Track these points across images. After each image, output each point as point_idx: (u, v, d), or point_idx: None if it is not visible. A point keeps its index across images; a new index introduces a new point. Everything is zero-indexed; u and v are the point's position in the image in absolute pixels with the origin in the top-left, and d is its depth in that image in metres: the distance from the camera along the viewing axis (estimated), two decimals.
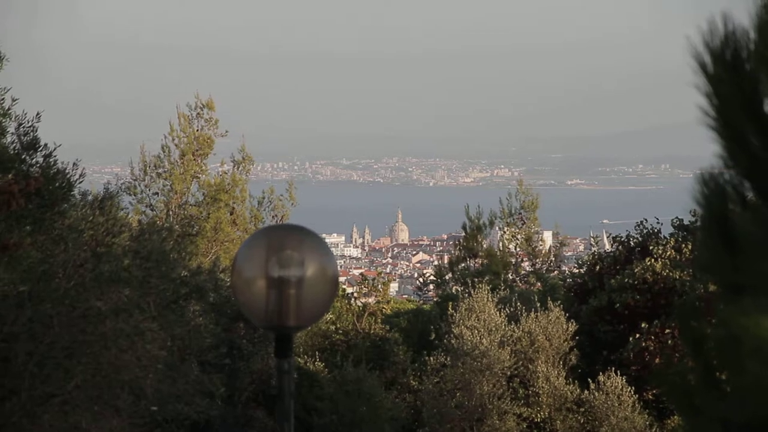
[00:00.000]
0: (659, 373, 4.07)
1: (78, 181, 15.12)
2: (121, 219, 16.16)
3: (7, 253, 12.90)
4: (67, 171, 14.95)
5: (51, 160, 14.92)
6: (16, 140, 15.00)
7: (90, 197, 16.39)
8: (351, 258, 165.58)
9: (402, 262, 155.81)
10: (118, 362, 12.96)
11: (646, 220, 32.24)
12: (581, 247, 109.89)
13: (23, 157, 14.69)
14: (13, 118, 15.23)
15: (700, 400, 3.66)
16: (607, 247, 36.90)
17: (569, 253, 71.03)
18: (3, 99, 15.42)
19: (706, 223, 3.72)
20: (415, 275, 60.28)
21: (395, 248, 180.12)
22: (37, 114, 15.20)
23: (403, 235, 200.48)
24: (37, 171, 14.58)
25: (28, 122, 15.06)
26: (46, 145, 15.08)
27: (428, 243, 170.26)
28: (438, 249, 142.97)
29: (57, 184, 14.38)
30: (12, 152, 14.66)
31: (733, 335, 3.49)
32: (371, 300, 37.21)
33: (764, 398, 3.37)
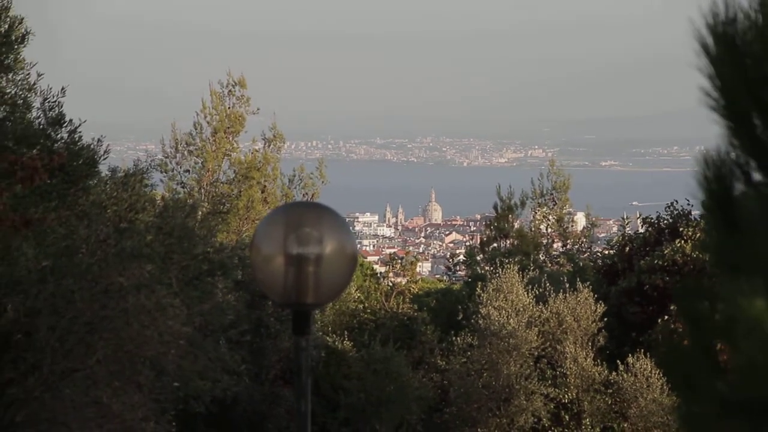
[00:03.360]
0: (659, 352, 4.04)
1: (102, 158, 15.14)
2: (145, 195, 16.18)
3: (31, 228, 12.95)
4: (91, 147, 14.97)
5: (76, 136, 14.93)
6: (41, 115, 15.02)
7: (120, 173, 16.41)
8: (384, 237, 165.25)
9: (435, 241, 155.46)
10: (140, 338, 13.00)
11: (676, 201, 32.00)
12: (614, 229, 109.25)
13: (48, 132, 14.71)
14: (38, 93, 15.24)
15: (699, 380, 3.61)
16: (639, 228, 36.72)
17: (602, 235, 70.67)
18: (29, 74, 15.44)
19: (708, 203, 3.68)
20: (448, 255, 60.17)
21: (428, 228, 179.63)
22: (62, 89, 15.20)
23: (437, 215, 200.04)
24: (61, 147, 14.60)
25: (53, 97, 15.08)
26: (71, 120, 15.08)
27: (461, 223, 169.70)
28: (471, 229, 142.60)
29: (81, 161, 14.41)
30: (37, 128, 14.68)
31: (730, 316, 3.45)
32: (401, 279, 37.20)
33: (759, 379, 3.32)
